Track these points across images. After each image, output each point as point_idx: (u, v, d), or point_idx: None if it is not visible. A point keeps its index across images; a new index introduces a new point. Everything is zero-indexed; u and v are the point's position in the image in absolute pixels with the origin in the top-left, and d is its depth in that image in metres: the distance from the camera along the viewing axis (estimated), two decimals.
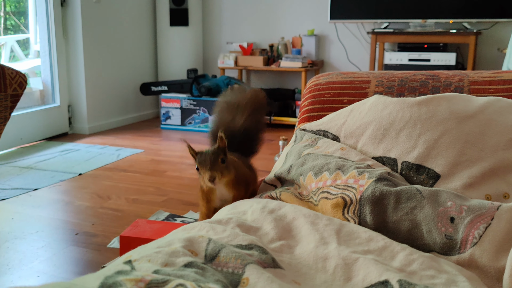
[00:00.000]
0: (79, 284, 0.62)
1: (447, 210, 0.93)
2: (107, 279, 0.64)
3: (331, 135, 1.29)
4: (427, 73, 1.51)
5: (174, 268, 0.75)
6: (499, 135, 1.11)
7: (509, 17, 3.88)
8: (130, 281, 0.63)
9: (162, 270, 0.73)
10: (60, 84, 4.30)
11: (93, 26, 4.39)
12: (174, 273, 0.71)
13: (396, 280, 0.74)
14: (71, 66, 4.36)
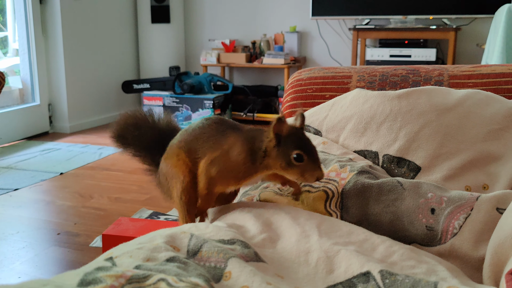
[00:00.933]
0: (58, 282, 0.61)
1: (428, 201, 0.94)
2: (86, 276, 0.63)
3: (313, 130, 1.29)
4: (407, 68, 1.52)
5: (156, 263, 0.74)
6: (478, 127, 1.13)
7: (488, 13, 3.93)
8: (110, 277, 0.62)
9: (144, 265, 0.72)
10: (40, 83, 4.24)
11: (73, 23, 4.34)
12: (155, 268, 0.71)
13: (377, 271, 0.74)
14: (51, 64, 4.30)
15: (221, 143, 0.96)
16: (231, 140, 0.95)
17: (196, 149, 0.99)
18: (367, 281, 0.74)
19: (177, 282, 0.62)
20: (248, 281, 0.72)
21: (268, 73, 5.06)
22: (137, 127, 1.14)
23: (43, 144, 3.93)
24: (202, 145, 0.98)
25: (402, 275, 0.73)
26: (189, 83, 4.43)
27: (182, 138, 1.03)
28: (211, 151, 0.97)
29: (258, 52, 4.84)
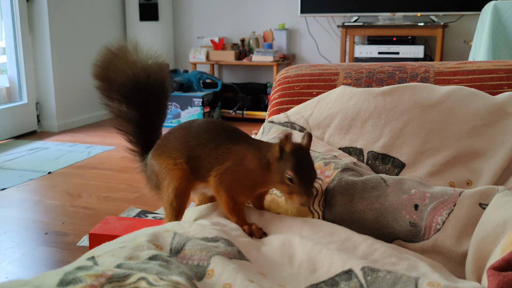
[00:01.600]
0: (37, 282, 0.60)
1: (411, 197, 0.94)
2: (66, 275, 0.63)
3: (299, 127, 1.30)
4: (394, 65, 1.52)
5: (138, 261, 0.74)
6: (461, 123, 1.13)
7: (475, 10, 3.95)
8: (90, 276, 0.62)
9: (126, 263, 0.72)
10: (27, 81, 4.21)
11: (61, 21, 4.30)
12: (137, 266, 0.71)
13: (359, 268, 0.75)
14: (39, 63, 4.26)
15: (230, 153, 0.94)
16: (242, 148, 0.94)
17: (200, 157, 0.95)
18: (350, 278, 0.74)
19: (158, 281, 0.62)
20: (231, 279, 0.72)
21: (257, 71, 5.06)
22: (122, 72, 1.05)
23: (31, 143, 3.89)
24: (209, 154, 0.95)
25: (383, 271, 0.73)
26: (178, 81, 4.42)
27: (182, 141, 0.98)
28: (219, 163, 0.94)
29: (247, 50, 4.84)
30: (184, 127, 1.00)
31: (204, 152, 0.95)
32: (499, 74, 1.37)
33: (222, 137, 0.95)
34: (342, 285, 0.74)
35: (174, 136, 1.00)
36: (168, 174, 0.98)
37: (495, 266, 0.74)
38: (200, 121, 0.99)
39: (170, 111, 4.48)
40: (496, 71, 1.38)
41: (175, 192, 0.98)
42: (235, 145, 0.94)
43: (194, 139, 0.97)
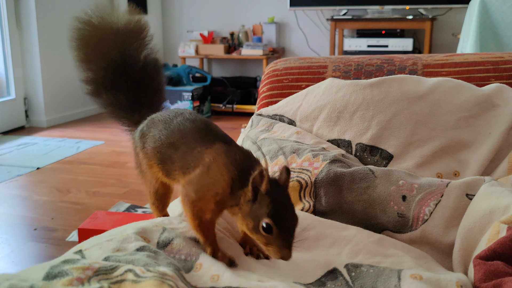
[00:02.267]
0: (24, 276, 0.60)
1: (399, 188, 0.94)
2: (52, 269, 0.63)
3: (287, 119, 1.30)
4: (382, 57, 1.53)
5: (125, 253, 0.74)
6: (448, 114, 1.14)
7: (463, 3, 3.97)
8: (77, 269, 0.62)
9: (113, 255, 0.72)
10: (15, 76, 4.16)
11: (49, 16, 4.26)
12: (124, 258, 0.70)
13: (343, 266, 0.75)
14: (26, 58, 4.22)
15: (201, 158, 0.80)
16: (212, 152, 0.80)
17: (172, 160, 0.84)
18: (335, 278, 0.75)
19: (144, 272, 0.61)
20: (219, 271, 0.72)
21: (247, 64, 5.05)
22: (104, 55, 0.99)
23: (19, 138, 3.86)
24: (180, 158, 0.83)
25: (366, 266, 0.74)
26: (167, 75, 4.40)
27: (157, 138, 0.87)
28: (189, 170, 0.81)
29: (236, 44, 4.82)
30: (165, 119, 0.89)
31: (176, 155, 0.83)
32: (486, 66, 1.38)
33: (197, 138, 0.82)
34: (328, 285, 0.74)
35: (154, 129, 0.90)
36: (148, 172, 0.91)
37: (482, 256, 0.75)
38: (182, 116, 0.87)
39: None
40: (483, 63, 1.39)
41: (155, 196, 0.93)
42: (207, 149, 0.80)
43: (167, 138, 0.86)
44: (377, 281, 0.71)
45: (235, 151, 0.80)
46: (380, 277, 0.71)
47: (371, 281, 0.71)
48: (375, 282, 0.71)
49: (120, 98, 1.00)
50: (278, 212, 0.72)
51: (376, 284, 0.70)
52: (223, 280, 0.71)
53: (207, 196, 0.78)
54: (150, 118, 0.93)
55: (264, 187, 0.73)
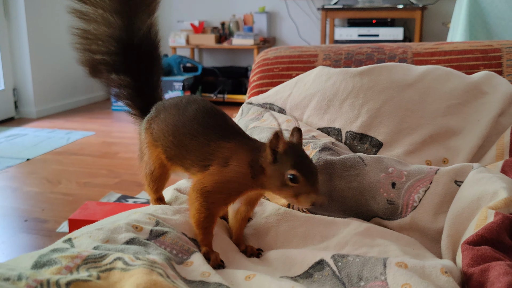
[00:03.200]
0: (12, 265, 0.60)
1: (389, 176, 0.95)
2: (41, 258, 0.62)
3: (278, 108, 1.29)
4: (372, 46, 1.53)
5: (115, 245, 0.73)
6: (438, 102, 1.14)
7: None
8: (66, 257, 0.62)
9: (102, 246, 0.71)
10: (4, 67, 4.12)
11: (37, 5, 4.20)
12: (114, 248, 0.70)
13: (329, 256, 0.76)
14: (15, 48, 4.17)
15: (220, 152, 0.82)
16: (232, 147, 0.82)
17: (187, 148, 0.85)
18: (322, 268, 0.75)
19: (134, 260, 0.61)
20: (211, 270, 0.73)
21: (238, 54, 5.03)
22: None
23: (9, 129, 3.83)
24: (197, 148, 0.84)
25: (352, 256, 0.74)
26: None
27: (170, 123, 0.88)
28: (207, 161, 0.82)
29: (227, 33, 4.80)
30: (178, 106, 0.89)
31: (192, 145, 0.84)
32: (475, 54, 1.39)
33: (215, 132, 0.84)
34: (316, 276, 0.75)
35: (165, 112, 0.90)
36: (147, 153, 0.93)
37: (469, 241, 0.76)
38: (197, 106, 0.88)
39: None
40: (473, 51, 1.40)
41: (150, 177, 0.93)
42: (227, 143, 0.82)
43: (184, 127, 0.86)
44: (363, 269, 0.71)
45: (246, 141, 0.83)
46: (366, 265, 0.72)
47: (357, 270, 0.72)
48: (361, 270, 0.71)
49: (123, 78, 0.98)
50: (300, 162, 0.77)
51: (362, 273, 0.71)
52: (213, 277, 0.71)
53: (228, 188, 0.80)
54: (160, 103, 0.94)
55: (282, 147, 0.77)
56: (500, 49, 1.38)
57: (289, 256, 0.81)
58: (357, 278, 0.71)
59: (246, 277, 0.72)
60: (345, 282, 0.71)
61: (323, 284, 0.73)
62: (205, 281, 0.70)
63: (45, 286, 0.56)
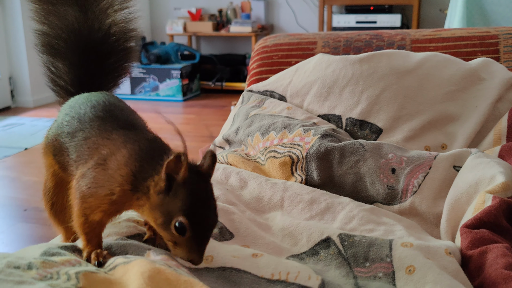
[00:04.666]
0: (20, 254, 0.61)
1: (389, 162, 0.96)
2: (50, 249, 0.64)
3: (278, 95, 1.30)
4: (371, 33, 1.53)
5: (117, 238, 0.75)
6: (436, 88, 1.16)
7: None
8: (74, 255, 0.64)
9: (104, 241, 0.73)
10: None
11: None
12: (116, 243, 0.72)
13: (336, 235, 0.77)
14: (10, 36, 4.15)
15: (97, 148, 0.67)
16: (117, 143, 0.66)
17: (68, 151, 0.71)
18: (328, 246, 0.77)
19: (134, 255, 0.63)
20: (214, 252, 0.74)
21: (236, 42, 5.01)
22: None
23: (5, 119, 3.82)
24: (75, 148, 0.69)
25: (359, 236, 0.76)
26: (155, 53, 4.36)
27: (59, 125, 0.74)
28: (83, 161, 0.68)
29: (225, 21, 4.78)
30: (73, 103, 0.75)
31: (71, 145, 0.70)
32: (473, 41, 1.40)
33: (94, 126, 0.69)
34: (322, 254, 0.76)
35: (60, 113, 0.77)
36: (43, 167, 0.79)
37: (468, 224, 0.77)
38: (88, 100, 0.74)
39: (148, 84, 4.43)
40: (470, 38, 1.40)
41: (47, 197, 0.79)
42: (104, 139, 0.67)
43: (69, 125, 0.72)
44: (369, 250, 0.73)
45: (137, 139, 0.67)
46: (372, 246, 0.73)
47: (363, 250, 0.73)
48: (368, 251, 0.73)
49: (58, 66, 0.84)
50: (195, 209, 0.61)
51: (368, 254, 0.73)
52: (217, 260, 0.72)
53: (100, 194, 0.64)
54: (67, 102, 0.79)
55: (182, 175, 0.60)
56: (498, 36, 1.38)
57: (296, 230, 0.82)
58: (363, 258, 0.73)
59: (253, 254, 0.73)
60: (350, 262, 0.73)
61: (329, 263, 0.74)
62: (209, 267, 0.71)
63: (55, 275, 0.57)
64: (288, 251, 0.79)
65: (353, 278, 0.71)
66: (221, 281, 0.69)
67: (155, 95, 4.42)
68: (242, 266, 0.70)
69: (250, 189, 0.97)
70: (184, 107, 4.18)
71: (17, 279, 0.54)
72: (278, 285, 0.67)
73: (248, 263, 0.71)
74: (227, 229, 0.83)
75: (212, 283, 0.69)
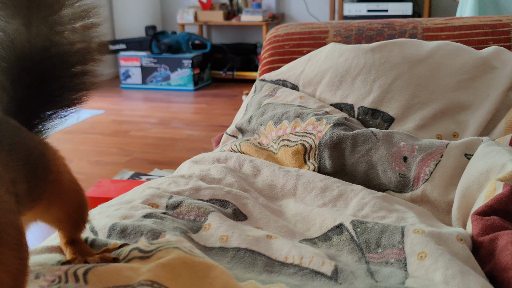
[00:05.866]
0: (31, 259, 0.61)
1: (400, 150, 0.97)
2: None
3: (290, 84, 1.32)
4: (382, 22, 1.53)
5: (133, 219, 0.77)
6: (448, 77, 1.16)
7: None
8: None
9: (120, 223, 0.75)
10: None
11: None
12: (131, 224, 0.74)
13: (349, 221, 0.79)
14: None
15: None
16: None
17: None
18: (341, 232, 0.79)
19: (149, 246, 0.64)
20: (228, 232, 0.76)
21: (247, 31, 5.01)
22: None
23: None
24: None
25: (372, 223, 0.78)
26: (166, 43, 4.37)
27: None
28: None
29: (235, 10, 4.78)
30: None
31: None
32: (484, 29, 1.39)
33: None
34: (334, 239, 0.78)
35: None
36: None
37: (479, 212, 0.78)
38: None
39: (159, 73, 4.45)
40: (482, 26, 1.40)
41: None
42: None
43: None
44: (382, 237, 0.74)
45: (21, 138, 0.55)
46: (384, 233, 0.75)
47: (375, 237, 0.75)
48: (380, 238, 0.74)
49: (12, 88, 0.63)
50: None
51: (380, 240, 0.74)
52: (232, 241, 0.74)
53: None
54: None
55: None
56: (509, 24, 1.38)
57: (309, 216, 0.84)
58: (375, 245, 0.74)
59: (267, 235, 0.75)
60: (362, 248, 0.75)
61: (341, 248, 0.76)
62: (224, 246, 0.73)
63: (63, 278, 0.56)
64: (301, 235, 0.81)
65: (365, 263, 0.72)
66: (235, 261, 0.71)
67: (166, 85, 4.44)
68: (256, 248, 0.72)
69: (263, 176, 0.99)
70: (195, 96, 4.20)
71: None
72: (292, 269, 0.68)
73: (262, 245, 0.73)
74: (241, 211, 0.85)
75: (226, 264, 0.71)
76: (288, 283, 0.64)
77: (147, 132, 3.21)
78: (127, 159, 2.73)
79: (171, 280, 0.56)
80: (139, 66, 4.48)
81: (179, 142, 2.98)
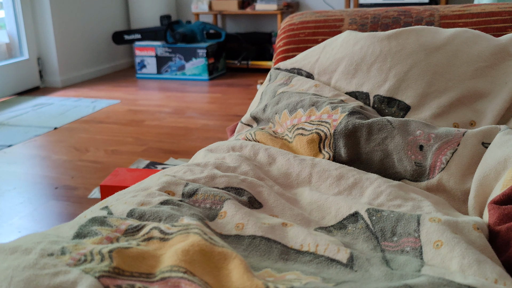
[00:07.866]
0: (54, 234, 0.63)
1: (416, 138, 0.97)
2: (81, 229, 0.66)
3: (305, 73, 1.31)
4: (398, 9, 1.52)
5: (150, 206, 0.77)
6: (465, 65, 1.14)
7: None
8: (106, 230, 0.65)
9: (138, 208, 0.75)
10: (27, 36, 4.18)
11: None
12: (149, 210, 0.74)
13: (364, 210, 0.79)
14: (38, 17, 4.21)
15: None
16: None
17: None
18: (356, 220, 0.78)
19: (170, 228, 0.65)
20: (244, 220, 0.76)
21: (261, 20, 4.99)
22: None
23: (35, 99, 3.91)
24: None
25: (387, 211, 0.77)
26: (181, 32, 4.37)
27: None
28: None
29: None
30: None
31: None
32: (503, 16, 1.37)
33: None
34: (349, 227, 0.78)
35: None
36: None
37: (496, 201, 0.78)
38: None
39: (174, 63, 4.46)
40: (500, 13, 1.38)
41: None
42: None
43: None
44: (397, 225, 0.74)
45: None
46: (400, 221, 0.74)
47: (391, 225, 0.75)
48: (395, 226, 0.74)
49: None
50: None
51: (396, 228, 0.74)
52: (248, 229, 0.74)
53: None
54: None
55: None
56: None
57: (324, 204, 0.84)
58: (391, 233, 0.74)
59: (283, 223, 0.75)
60: (378, 236, 0.74)
61: (356, 236, 0.76)
62: (240, 234, 0.74)
63: (88, 257, 0.58)
64: (316, 223, 0.81)
65: (380, 251, 0.72)
66: (251, 249, 0.71)
67: (181, 74, 4.45)
68: (272, 236, 0.72)
69: (278, 165, 0.99)
70: (210, 86, 4.20)
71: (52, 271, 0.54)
72: (307, 257, 0.68)
73: (278, 233, 0.73)
74: (256, 199, 0.85)
75: (242, 252, 0.71)
76: (303, 271, 0.65)
77: (162, 122, 3.22)
78: (143, 149, 2.75)
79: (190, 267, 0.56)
80: (154, 56, 4.49)
81: (194, 132, 2.99)
